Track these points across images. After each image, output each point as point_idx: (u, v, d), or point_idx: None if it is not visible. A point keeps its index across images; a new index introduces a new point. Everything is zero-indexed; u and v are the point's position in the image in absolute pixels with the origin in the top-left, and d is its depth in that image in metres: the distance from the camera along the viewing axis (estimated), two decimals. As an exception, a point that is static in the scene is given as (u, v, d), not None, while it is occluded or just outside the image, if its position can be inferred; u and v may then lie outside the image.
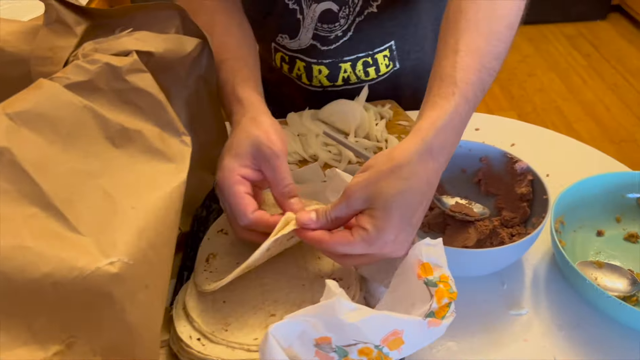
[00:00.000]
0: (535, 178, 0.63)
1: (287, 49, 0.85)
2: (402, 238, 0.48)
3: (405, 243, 0.49)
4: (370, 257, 0.49)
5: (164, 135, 0.52)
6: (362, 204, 0.47)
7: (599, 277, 0.57)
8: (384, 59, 0.84)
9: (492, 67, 0.52)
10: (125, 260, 0.42)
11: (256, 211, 0.52)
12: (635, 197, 0.64)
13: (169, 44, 0.57)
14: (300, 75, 0.87)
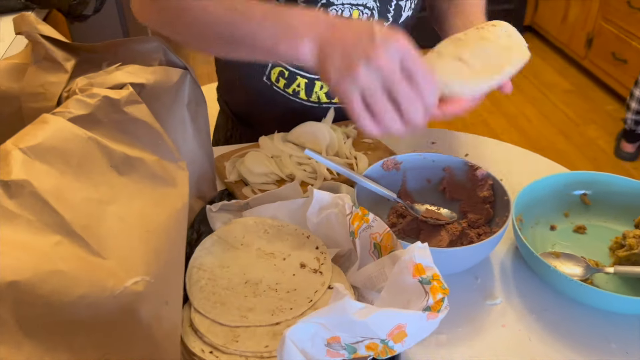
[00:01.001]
0: (495, 182, 0.70)
1: (289, 64, 0.87)
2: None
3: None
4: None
5: (163, 162, 0.55)
6: None
7: (558, 265, 0.64)
8: None
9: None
10: (147, 279, 0.44)
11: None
12: (579, 193, 0.73)
13: (157, 75, 0.60)
14: (298, 92, 0.89)
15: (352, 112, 0.54)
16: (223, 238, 0.63)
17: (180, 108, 0.66)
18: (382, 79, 0.52)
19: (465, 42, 0.65)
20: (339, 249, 0.63)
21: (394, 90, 0.52)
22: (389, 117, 0.53)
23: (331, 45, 0.55)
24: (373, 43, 0.52)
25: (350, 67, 0.52)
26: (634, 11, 2.60)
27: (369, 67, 0.52)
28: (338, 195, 0.64)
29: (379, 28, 0.53)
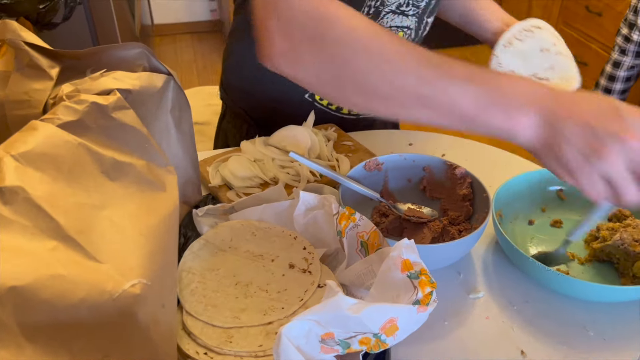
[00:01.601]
0: (473, 180, 0.73)
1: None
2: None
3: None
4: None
5: (151, 166, 0.55)
6: None
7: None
8: None
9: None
10: (144, 281, 0.45)
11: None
12: (555, 189, 0.77)
13: (142, 81, 0.61)
14: (341, 107, 0.91)
15: (590, 194, 0.49)
16: (211, 241, 0.64)
17: (164, 113, 0.66)
18: (631, 159, 0.46)
19: (527, 54, 0.82)
20: (326, 248, 0.65)
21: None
22: (630, 192, 0.48)
23: (564, 121, 0.47)
24: (623, 120, 0.47)
25: (597, 151, 0.46)
26: (592, 15, 2.71)
27: (623, 150, 0.46)
28: (324, 196, 0.65)
29: (618, 103, 0.48)
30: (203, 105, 1.81)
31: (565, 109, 0.48)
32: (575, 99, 0.49)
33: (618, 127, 0.46)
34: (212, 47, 3.60)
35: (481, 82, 0.50)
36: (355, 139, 0.91)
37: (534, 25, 0.85)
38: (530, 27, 0.85)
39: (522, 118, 0.49)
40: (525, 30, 0.85)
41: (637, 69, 2.30)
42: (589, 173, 0.47)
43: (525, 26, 0.86)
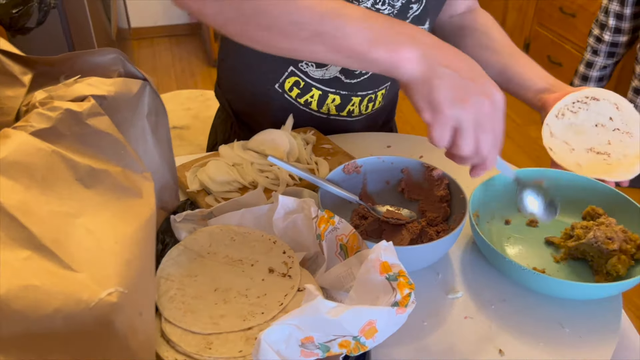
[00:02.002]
0: (450, 181, 0.73)
1: (308, 76, 0.88)
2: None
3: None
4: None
5: (127, 173, 0.55)
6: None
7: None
8: (381, 97, 0.94)
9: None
10: (121, 290, 0.44)
11: None
12: (530, 189, 0.78)
13: (117, 87, 0.60)
14: (310, 102, 0.91)
15: (436, 134, 0.56)
16: (189, 247, 0.63)
17: (141, 119, 0.66)
18: (480, 118, 0.55)
19: (581, 127, 0.80)
20: (305, 252, 0.65)
21: (480, 135, 0.56)
22: (468, 147, 0.56)
23: (443, 67, 0.54)
24: (487, 84, 0.55)
25: (462, 99, 0.54)
26: (566, 16, 2.76)
27: (479, 106, 0.54)
28: (303, 199, 0.65)
29: (484, 72, 0.57)
30: (181, 109, 1.79)
31: (444, 57, 0.55)
32: (455, 53, 0.56)
33: (482, 88, 0.55)
34: (191, 50, 3.58)
35: (374, 21, 0.56)
36: (334, 142, 0.91)
37: (588, 96, 0.81)
38: (584, 99, 0.81)
39: (406, 54, 0.54)
40: (579, 102, 0.81)
41: (609, 69, 2.35)
42: (446, 117, 0.54)
43: (580, 97, 0.81)
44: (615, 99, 0.81)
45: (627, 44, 2.25)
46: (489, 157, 0.59)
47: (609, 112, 0.81)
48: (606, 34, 2.25)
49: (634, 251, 0.65)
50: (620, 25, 2.19)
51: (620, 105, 0.80)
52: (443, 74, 0.54)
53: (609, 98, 0.81)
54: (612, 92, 0.81)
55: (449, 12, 0.96)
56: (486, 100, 0.55)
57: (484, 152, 0.57)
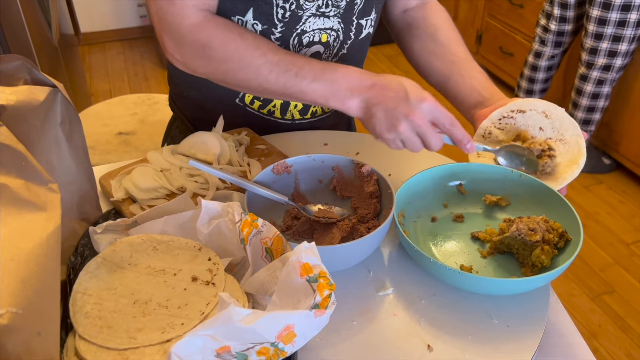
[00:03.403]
0: (379, 177, 0.73)
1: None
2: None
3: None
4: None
5: (30, 186, 0.52)
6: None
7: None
8: None
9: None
10: (14, 310, 0.42)
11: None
12: (455, 184, 0.78)
13: (19, 95, 0.57)
14: (273, 112, 0.92)
15: (392, 147, 0.72)
16: (108, 259, 0.61)
17: (53, 127, 0.63)
18: (416, 130, 0.69)
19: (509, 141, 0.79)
20: (232, 257, 0.63)
21: (425, 137, 0.70)
22: (416, 147, 0.71)
23: (375, 106, 0.69)
24: (409, 104, 0.69)
25: (394, 125, 0.69)
26: (514, 7, 2.80)
27: (409, 124, 0.68)
28: (227, 203, 0.63)
29: (409, 88, 0.70)
30: (128, 115, 1.75)
31: (375, 97, 0.70)
32: (382, 86, 0.70)
33: (406, 109, 0.68)
34: (144, 53, 3.51)
35: (324, 81, 0.72)
36: (270, 142, 0.90)
37: (514, 110, 0.79)
38: (510, 113, 0.79)
39: (351, 103, 0.71)
40: (506, 117, 0.79)
41: (557, 58, 2.40)
42: (390, 140, 0.71)
43: (505, 112, 0.79)
44: (544, 107, 0.78)
45: (572, 32, 2.30)
46: (454, 134, 0.72)
47: (538, 122, 0.78)
48: (552, 23, 2.29)
49: (556, 240, 0.66)
50: (566, 14, 2.24)
51: (549, 112, 0.78)
52: (376, 112, 0.70)
53: (536, 107, 0.78)
54: (540, 101, 0.78)
55: (402, 6, 0.95)
56: (414, 117, 0.68)
57: (434, 147, 0.71)
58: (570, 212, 0.67)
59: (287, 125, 0.94)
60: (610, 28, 2.06)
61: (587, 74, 2.19)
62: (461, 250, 0.71)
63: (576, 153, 0.75)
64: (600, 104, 2.24)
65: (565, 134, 0.77)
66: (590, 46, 2.14)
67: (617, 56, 2.11)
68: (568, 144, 0.76)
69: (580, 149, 0.75)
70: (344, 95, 0.71)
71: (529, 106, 0.78)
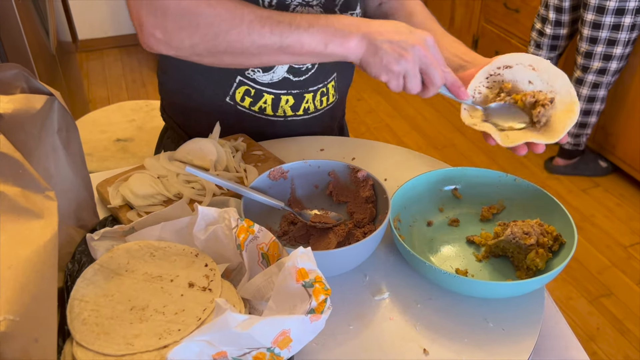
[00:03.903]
0: (375, 182, 0.73)
1: (256, 82, 0.88)
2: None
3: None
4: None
5: (27, 193, 0.53)
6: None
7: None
8: (332, 89, 0.93)
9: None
10: (11, 317, 0.42)
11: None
12: (450, 188, 0.78)
13: (16, 104, 0.58)
14: (264, 108, 0.91)
15: (393, 87, 0.70)
16: (106, 266, 0.61)
17: (50, 135, 0.64)
18: (422, 61, 0.68)
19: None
20: (228, 263, 0.64)
21: (428, 70, 0.68)
22: (416, 85, 0.70)
23: (378, 40, 0.67)
24: (414, 34, 0.68)
25: (402, 55, 0.67)
26: (510, 12, 2.82)
27: (416, 53, 0.67)
28: (224, 209, 0.64)
29: (408, 26, 0.69)
30: (126, 121, 1.76)
31: (377, 31, 0.68)
32: (380, 22, 0.69)
33: (413, 39, 0.68)
34: (141, 60, 3.52)
35: (319, 26, 0.69)
36: (266, 147, 0.90)
37: (500, 67, 0.77)
38: (496, 70, 0.77)
39: (351, 43, 0.69)
40: (493, 75, 0.77)
41: (552, 61, 2.41)
42: (397, 72, 0.68)
43: (491, 70, 0.77)
44: (530, 60, 0.76)
45: (568, 36, 2.31)
46: (447, 77, 0.71)
47: (526, 76, 0.76)
48: (547, 27, 2.30)
49: (551, 243, 0.66)
50: (561, 18, 2.25)
51: (536, 65, 0.76)
52: (382, 43, 0.67)
53: (522, 61, 0.76)
54: (525, 55, 0.77)
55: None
56: (420, 46, 0.67)
57: (437, 82, 0.70)
58: (564, 216, 0.68)
59: (280, 122, 0.94)
60: (604, 32, 2.08)
61: (582, 77, 2.20)
62: (457, 254, 0.71)
63: (569, 102, 0.73)
64: (596, 107, 2.25)
65: (555, 84, 0.75)
66: (586, 50, 2.15)
67: (612, 60, 2.12)
68: (559, 94, 0.74)
69: (572, 97, 0.74)
70: (343, 35, 0.68)
71: (515, 61, 0.77)
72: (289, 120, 0.94)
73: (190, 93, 0.94)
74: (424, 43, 0.68)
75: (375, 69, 0.69)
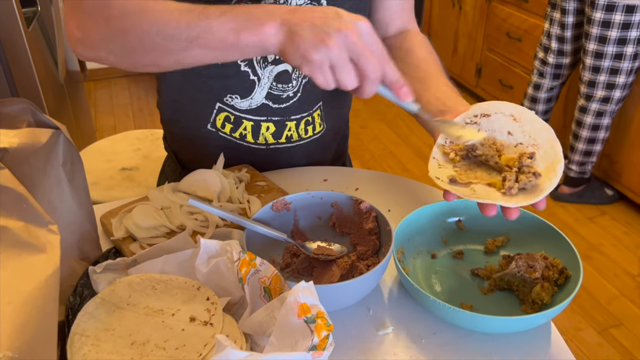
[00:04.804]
0: (378, 214, 0.73)
1: (235, 109, 0.87)
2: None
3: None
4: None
5: (30, 228, 0.53)
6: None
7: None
8: (319, 118, 0.92)
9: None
10: (10, 354, 0.42)
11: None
12: (454, 220, 0.78)
13: (22, 138, 0.58)
14: (245, 135, 0.90)
15: (319, 81, 0.59)
16: (107, 300, 0.61)
17: (55, 168, 0.64)
18: (350, 49, 0.57)
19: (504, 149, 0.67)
20: (230, 297, 0.63)
21: (359, 60, 0.58)
22: (349, 79, 0.59)
23: (299, 24, 0.58)
24: (342, 19, 0.58)
25: (323, 40, 0.57)
26: (513, 41, 2.85)
27: (342, 39, 0.57)
28: (226, 242, 0.64)
29: (342, 11, 0.60)
30: (132, 150, 1.77)
31: (299, 17, 0.59)
32: (308, 10, 0.60)
33: (339, 24, 0.57)
34: (148, 88, 3.57)
35: (233, 13, 0.62)
36: (270, 178, 0.91)
37: (477, 115, 0.70)
38: (473, 119, 0.70)
39: (268, 30, 0.60)
40: (469, 123, 0.70)
41: (556, 90, 2.43)
42: (320, 61, 0.57)
43: (468, 117, 0.70)
44: (511, 110, 0.69)
45: (571, 65, 2.33)
46: (387, 73, 0.61)
47: (506, 126, 0.68)
48: (550, 56, 2.33)
49: (556, 277, 0.65)
50: (563, 47, 2.27)
51: (517, 115, 0.68)
52: (301, 29, 0.58)
53: (502, 110, 0.69)
54: (507, 103, 0.70)
55: (379, 35, 0.95)
56: (348, 31, 0.57)
57: (372, 74, 0.59)
58: (570, 248, 0.67)
59: (262, 150, 0.93)
60: (607, 61, 2.09)
61: (586, 105, 2.21)
62: (461, 287, 0.70)
63: (552, 159, 0.64)
64: (600, 135, 2.25)
65: (538, 137, 0.67)
66: (589, 79, 2.17)
67: (615, 88, 2.13)
68: (542, 149, 0.66)
69: (557, 154, 0.65)
70: (258, 22, 0.60)
71: (495, 109, 0.70)
72: (272, 148, 0.93)
73: (179, 119, 0.95)
74: (354, 28, 0.57)
75: (293, 58, 0.59)
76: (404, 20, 0.94)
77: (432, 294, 0.66)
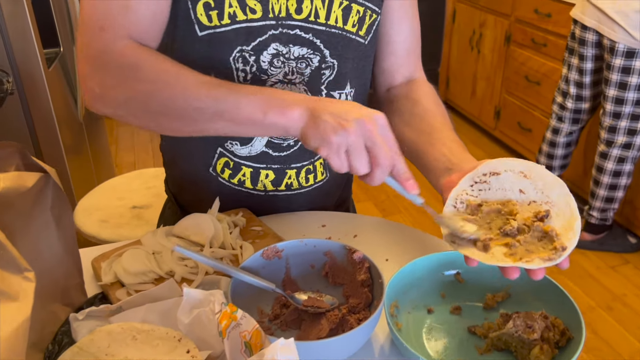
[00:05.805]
0: (371, 265, 0.70)
1: (235, 154, 0.87)
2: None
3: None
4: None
5: (4, 275, 0.52)
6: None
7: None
8: (321, 167, 0.91)
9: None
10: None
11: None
12: (452, 273, 0.74)
13: (7, 182, 0.58)
14: (243, 181, 0.89)
15: (334, 163, 0.63)
16: (85, 349, 0.59)
17: (43, 212, 0.64)
18: (366, 136, 0.61)
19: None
20: (211, 351, 0.61)
21: (374, 148, 0.62)
22: (362, 164, 0.63)
23: (322, 111, 0.63)
24: (361, 110, 0.63)
25: (343, 125, 0.61)
26: (531, 84, 2.83)
27: (360, 126, 0.61)
28: (210, 292, 0.62)
29: (359, 104, 0.65)
30: (144, 188, 1.78)
31: (322, 106, 0.64)
32: (332, 101, 0.65)
33: (358, 113, 0.62)
34: (169, 126, 3.62)
35: (262, 94, 0.66)
36: (267, 223, 0.89)
37: (486, 173, 0.68)
38: (482, 177, 0.68)
39: (293, 113, 0.64)
40: (478, 182, 0.67)
41: (575, 134, 2.38)
42: (338, 144, 0.61)
43: (476, 176, 0.68)
44: (522, 167, 0.67)
45: (589, 110, 2.29)
46: (397, 164, 0.64)
47: (517, 184, 0.66)
48: (568, 101, 2.29)
49: (557, 338, 0.61)
50: (582, 93, 2.24)
51: (527, 172, 0.66)
52: (322, 115, 0.63)
53: (512, 168, 0.67)
54: (516, 160, 0.68)
55: (386, 84, 0.94)
56: (366, 120, 0.62)
57: (383, 162, 0.62)
58: (572, 307, 0.64)
59: (260, 197, 0.92)
60: (628, 107, 2.05)
61: (607, 151, 2.16)
62: (457, 345, 0.67)
63: (569, 216, 0.62)
64: (622, 181, 2.19)
65: (551, 194, 0.64)
66: (609, 125, 2.12)
67: (637, 134, 2.08)
68: (556, 206, 0.63)
69: (572, 210, 0.62)
70: (285, 105, 0.64)
71: (504, 167, 0.67)
72: (271, 195, 0.92)
73: (181, 163, 0.95)
74: (371, 118, 0.62)
75: (313, 140, 0.63)
76: (410, 66, 0.93)
77: (425, 352, 0.62)
